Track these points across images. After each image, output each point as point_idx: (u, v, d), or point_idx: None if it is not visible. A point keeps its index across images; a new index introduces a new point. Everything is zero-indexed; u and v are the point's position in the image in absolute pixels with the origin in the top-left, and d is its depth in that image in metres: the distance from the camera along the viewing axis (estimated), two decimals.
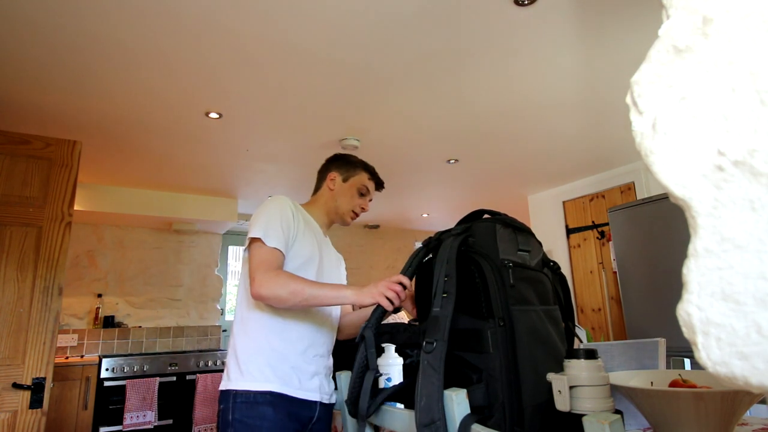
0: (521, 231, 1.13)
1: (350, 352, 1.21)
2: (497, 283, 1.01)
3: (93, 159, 3.56)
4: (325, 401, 1.44)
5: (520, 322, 0.99)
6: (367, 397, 1.09)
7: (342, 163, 1.67)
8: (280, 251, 1.35)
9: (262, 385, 1.33)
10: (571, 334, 1.16)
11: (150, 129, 3.06)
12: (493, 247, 1.06)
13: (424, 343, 0.98)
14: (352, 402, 1.12)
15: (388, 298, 1.21)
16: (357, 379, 1.11)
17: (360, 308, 1.61)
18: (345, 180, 1.63)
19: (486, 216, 1.19)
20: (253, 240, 1.36)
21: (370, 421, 1.17)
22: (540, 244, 1.18)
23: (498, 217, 1.14)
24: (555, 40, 2.18)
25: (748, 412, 1.16)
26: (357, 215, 1.65)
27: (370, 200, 1.70)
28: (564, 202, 4.55)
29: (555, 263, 1.20)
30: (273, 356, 1.36)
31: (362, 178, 1.65)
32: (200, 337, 4.89)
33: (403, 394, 1.16)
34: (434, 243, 1.15)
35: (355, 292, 1.27)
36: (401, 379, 1.20)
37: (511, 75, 2.49)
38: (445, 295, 1.01)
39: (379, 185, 1.72)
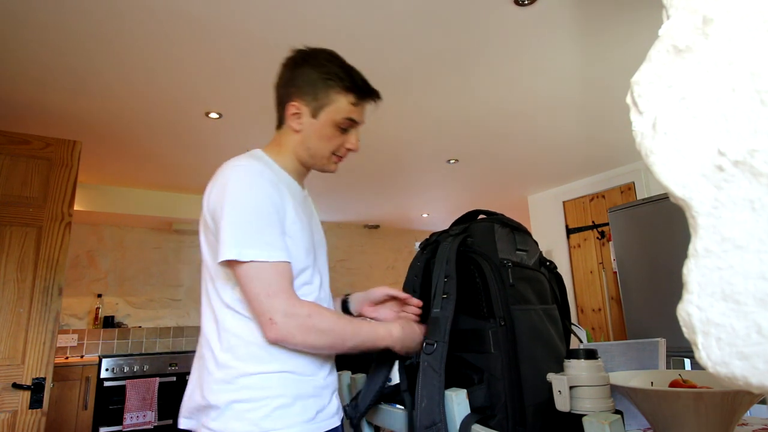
0: (518, 230, 1.13)
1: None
2: (497, 283, 1.01)
3: (93, 159, 3.56)
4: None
5: (520, 321, 0.99)
6: (367, 401, 1.08)
7: (306, 82, 1.09)
8: (287, 262, 0.96)
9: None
10: (568, 333, 1.16)
11: (150, 129, 3.06)
12: (492, 247, 1.06)
13: (425, 344, 0.98)
14: (353, 407, 1.11)
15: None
16: (370, 393, 1.09)
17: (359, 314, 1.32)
18: (315, 114, 1.09)
19: (482, 216, 1.19)
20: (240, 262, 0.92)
21: (369, 421, 1.17)
22: (536, 243, 1.18)
23: (495, 217, 1.14)
24: (555, 40, 2.18)
25: (748, 412, 1.16)
26: (342, 158, 1.16)
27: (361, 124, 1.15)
28: (564, 202, 4.55)
29: (551, 262, 1.20)
30: (286, 386, 0.95)
31: (341, 107, 1.08)
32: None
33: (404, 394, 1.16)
34: (432, 245, 1.15)
35: (398, 338, 1.01)
36: (398, 381, 1.20)
37: (511, 75, 2.49)
38: (445, 296, 1.00)
39: (373, 96, 1.14)
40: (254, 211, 0.95)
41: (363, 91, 1.11)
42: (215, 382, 0.94)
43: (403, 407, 1.05)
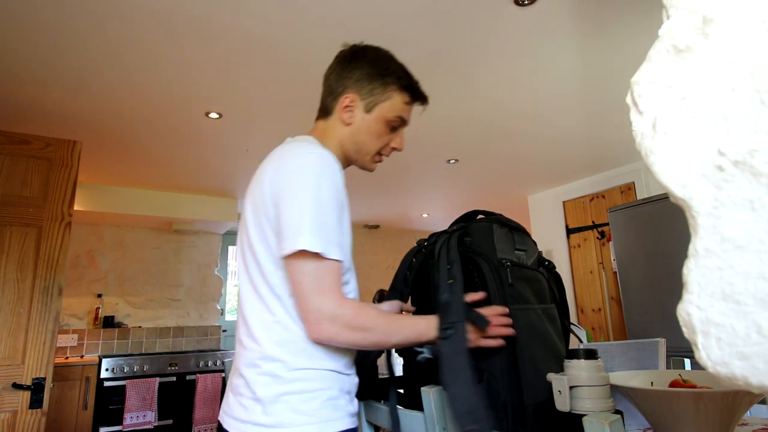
0: (517, 230, 1.13)
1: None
2: (496, 283, 1.01)
3: (93, 159, 3.56)
4: None
5: (519, 320, 0.99)
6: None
7: (364, 76, 1.08)
8: (341, 261, 0.93)
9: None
10: (567, 333, 1.16)
11: (150, 129, 3.06)
12: (491, 247, 1.06)
13: (440, 329, 0.94)
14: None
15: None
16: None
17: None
18: (369, 109, 1.08)
19: (480, 216, 1.19)
20: (303, 252, 0.88)
21: (370, 421, 1.17)
22: (535, 243, 1.18)
23: (494, 217, 1.14)
24: (555, 40, 2.18)
25: (748, 412, 1.16)
26: (384, 157, 1.16)
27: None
28: (564, 202, 4.55)
29: (550, 262, 1.21)
30: (333, 380, 0.94)
31: (396, 104, 1.08)
32: (200, 338, 4.89)
33: (406, 395, 1.16)
34: (430, 245, 1.15)
35: (437, 329, 0.96)
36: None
37: (511, 75, 2.49)
38: (451, 281, 0.99)
39: (424, 99, 1.15)
40: (325, 204, 0.92)
41: (417, 92, 1.12)
42: (263, 375, 0.91)
43: (420, 411, 1.02)
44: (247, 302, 0.98)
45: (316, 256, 0.88)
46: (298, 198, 0.91)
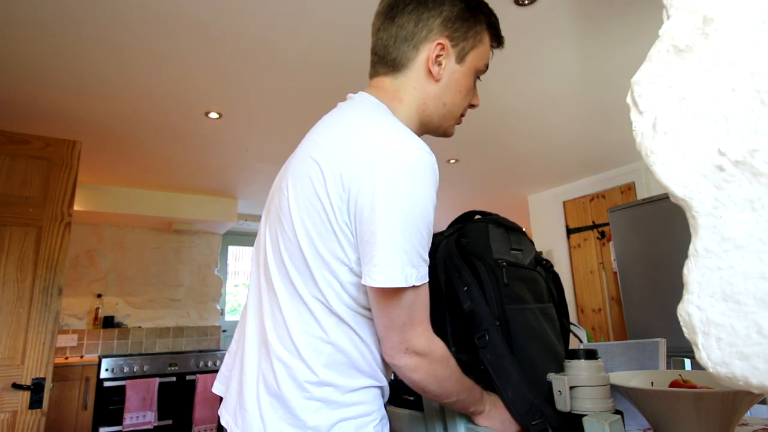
0: (513, 230, 1.13)
1: None
2: (492, 283, 1.01)
3: (93, 159, 3.56)
4: None
5: (516, 321, 0.99)
6: None
7: (456, 14, 0.85)
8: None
9: None
10: (566, 332, 1.16)
11: (150, 129, 3.06)
12: (486, 247, 1.05)
13: (476, 339, 0.93)
14: None
15: None
16: None
17: None
18: (462, 58, 0.87)
19: (477, 217, 1.19)
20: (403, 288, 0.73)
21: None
22: (532, 242, 1.18)
23: (490, 217, 1.14)
24: (555, 40, 2.18)
25: (748, 412, 1.16)
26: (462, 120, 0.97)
27: None
28: (564, 202, 4.55)
29: (548, 261, 1.20)
30: (379, 399, 0.84)
31: (486, 50, 0.90)
32: (200, 338, 4.89)
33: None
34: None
35: (486, 415, 0.89)
36: None
37: (511, 75, 2.49)
38: (466, 288, 0.98)
39: (501, 44, 0.96)
40: (425, 222, 0.74)
41: (500, 32, 0.91)
42: (315, 400, 0.76)
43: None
44: (287, 309, 0.80)
45: (413, 287, 0.74)
46: (389, 216, 0.71)
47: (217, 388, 0.96)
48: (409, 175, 0.73)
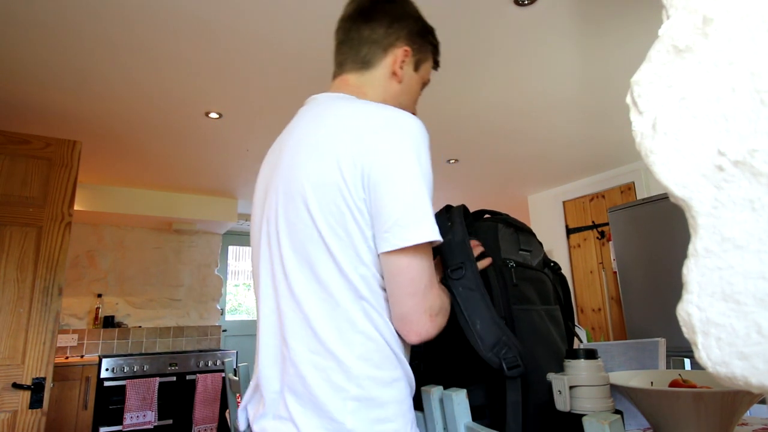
0: (522, 231, 1.13)
1: None
2: (499, 283, 1.01)
3: (93, 159, 3.56)
4: None
5: (521, 321, 0.99)
6: None
7: (413, 31, 0.98)
8: None
9: None
10: (571, 334, 1.16)
11: (150, 129, 3.06)
12: (495, 247, 1.05)
13: (449, 270, 0.92)
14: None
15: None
16: None
17: None
18: (417, 67, 0.99)
19: (486, 216, 1.18)
20: (419, 245, 0.76)
21: None
22: (541, 244, 1.18)
23: (499, 217, 1.14)
24: (555, 40, 2.18)
25: (748, 412, 1.16)
26: None
27: None
28: (564, 202, 4.55)
29: (555, 263, 1.20)
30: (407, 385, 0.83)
31: (429, 66, 1.03)
32: (200, 337, 4.90)
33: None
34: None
35: None
36: None
37: (511, 75, 2.49)
38: (450, 223, 0.97)
39: (437, 67, 1.08)
40: (430, 180, 0.79)
41: (439, 57, 1.04)
42: (352, 400, 0.73)
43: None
44: (311, 308, 0.78)
45: (429, 246, 0.76)
46: (407, 177, 0.75)
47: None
48: (413, 139, 0.78)
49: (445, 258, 0.94)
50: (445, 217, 1.00)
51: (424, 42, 0.99)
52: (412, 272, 0.75)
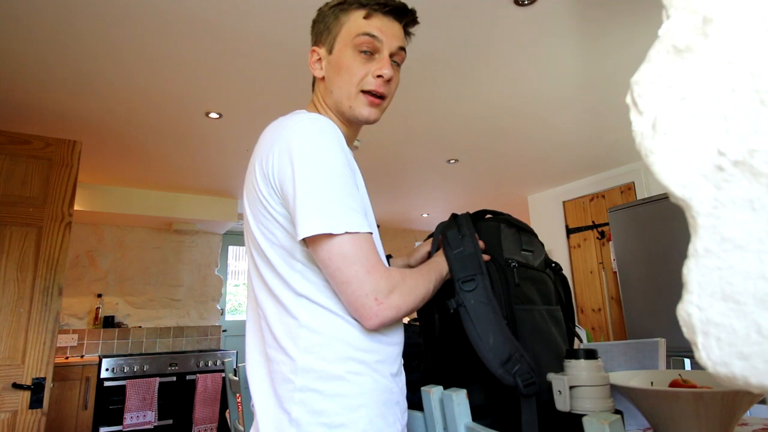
0: (525, 231, 1.13)
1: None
2: (501, 282, 1.01)
3: (93, 159, 3.56)
4: None
5: (523, 321, 0.99)
6: None
7: (320, 20, 1.00)
8: (371, 232, 0.82)
9: None
10: (571, 334, 1.16)
11: (150, 129, 3.06)
12: (498, 247, 1.06)
13: (461, 282, 0.92)
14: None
15: None
16: None
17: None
18: (331, 49, 0.95)
19: (488, 216, 1.19)
20: (330, 235, 0.76)
21: None
22: (542, 245, 1.18)
23: (502, 217, 1.14)
24: (555, 40, 2.18)
25: (748, 412, 1.16)
26: (377, 93, 0.92)
27: (392, 55, 0.94)
28: (564, 202, 4.55)
29: (557, 264, 1.20)
30: (383, 395, 0.81)
31: (352, 25, 0.93)
32: (200, 337, 4.90)
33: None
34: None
35: (443, 260, 0.97)
36: None
37: (511, 75, 2.49)
38: (461, 236, 0.98)
39: (391, 7, 0.96)
40: (336, 173, 0.79)
41: (377, 2, 0.93)
42: (298, 392, 0.76)
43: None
44: (264, 307, 0.84)
45: (347, 234, 0.76)
46: (304, 173, 0.77)
47: None
48: (309, 135, 0.81)
49: (454, 269, 0.95)
50: (455, 227, 1.01)
51: (328, 20, 0.96)
52: (337, 261, 0.76)
